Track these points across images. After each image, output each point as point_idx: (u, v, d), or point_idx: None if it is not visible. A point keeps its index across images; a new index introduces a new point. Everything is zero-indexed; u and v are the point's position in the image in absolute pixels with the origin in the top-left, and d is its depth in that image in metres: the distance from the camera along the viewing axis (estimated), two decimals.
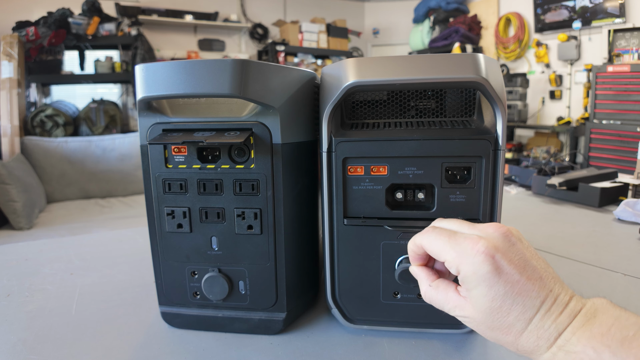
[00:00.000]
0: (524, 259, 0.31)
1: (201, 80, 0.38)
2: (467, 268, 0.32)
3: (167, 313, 0.47)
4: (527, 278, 0.31)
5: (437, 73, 0.38)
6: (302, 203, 0.46)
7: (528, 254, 0.32)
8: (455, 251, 0.33)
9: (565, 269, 0.64)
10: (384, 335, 0.46)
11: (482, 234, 0.33)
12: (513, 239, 0.33)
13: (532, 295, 0.30)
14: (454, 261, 0.33)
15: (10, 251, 0.73)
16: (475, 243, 0.32)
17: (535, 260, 0.32)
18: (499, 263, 0.31)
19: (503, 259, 0.31)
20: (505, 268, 0.31)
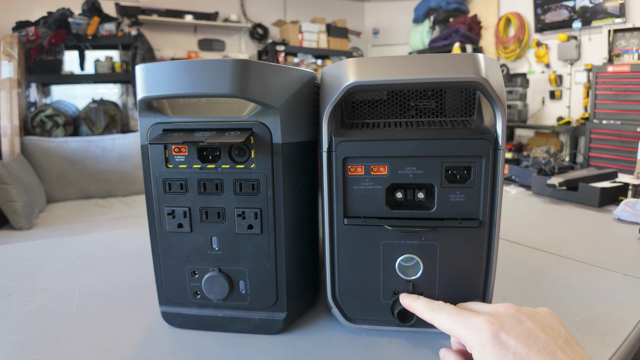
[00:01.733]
0: (533, 335, 0.32)
1: (201, 80, 0.38)
2: (475, 343, 0.33)
3: (167, 313, 0.47)
4: (537, 352, 0.31)
5: (437, 73, 0.38)
6: (303, 203, 0.46)
7: (542, 330, 0.33)
8: (466, 329, 0.34)
9: (565, 269, 0.64)
10: (384, 335, 0.46)
11: (491, 311, 0.35)
12: (522, 318, 0.34)
13: None
14: (465, 338, 0.34)
15: (10, 251, 0.73)
16: (483, 320, 0.34)
17: (553, 336, 0.33)
18: (504, 340, 0.32)
19: (510, 336, 0.32)
20: (511, 344, 0.32)
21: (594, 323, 0.47)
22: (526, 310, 0.35)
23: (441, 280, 0.43)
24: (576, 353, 0.32)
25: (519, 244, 0.76)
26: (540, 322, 0.34)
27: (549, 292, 0.55)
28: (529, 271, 0.63)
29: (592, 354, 0.41)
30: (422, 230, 0.42)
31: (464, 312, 0.36)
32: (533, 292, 0.56)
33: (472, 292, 0.43)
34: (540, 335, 0.32)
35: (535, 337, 0.32)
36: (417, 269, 0.43)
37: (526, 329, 0.33)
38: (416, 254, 0.42)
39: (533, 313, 0.35)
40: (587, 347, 0.42)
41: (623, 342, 0.43)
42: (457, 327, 0.35)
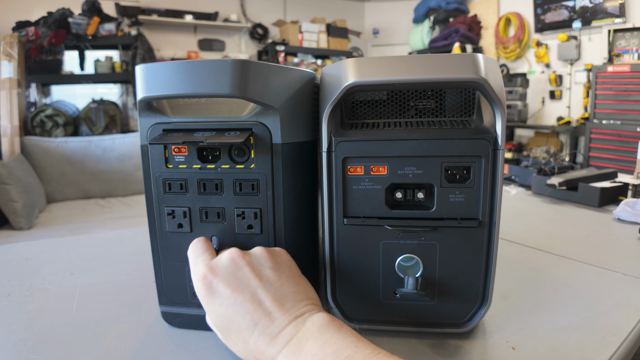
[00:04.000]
0: (245, 283, 0.34)
1: (201, 81, 0.38)
2: (195, 287, 0.36)
3: (167, 313, 0.47)
4: (243, 301, 0.33)
5: (436, 73, 0.38)
6: (302, 203, 0.46)
7: (258, 276, 0.35)
8: (192, 272, 0.37)
9: (565, 268, 0.64)
10: (384, 334, 0.46)
11: (214, 259, 0.37)
12: (241, 263, 0.36)
13: (247, 317, 0.33)
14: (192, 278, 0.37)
15: (10, 251, 0.73)
16: (200, 267, 0.36)
17: (267, 283, 0.35)
18: (214, 287, 0.34)
19: (220, 283, 0.34)
20: (220, 290, 0.34)
21: (594, 323, 0.47)
22: (252, 255, 0.37)
23: (441, 280, 0.43)
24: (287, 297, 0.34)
25: (519, 244, 0.76)
26: (259, 266, 0.36)
27: (549, 292, 0.55)
28: (529, 271, 0.63)
29: (592, 354, 0.41)
30: (422, 230, 0.42)
31: (196, 258, 0.38)
32: (533, 292, 0.56)
33: (472, 291, 0.43)
34: (253, 282, 0.34)
35: (246, 285, 0.34)
36: (416, 268, 0.43)
37: (239, 276, 0.35)
38: (416, 254, 0.42)
39: (260, 258, 0.37)
40: (587, 347, 0.42)
41: (623, 342, 0.43)
42: (191, 270, 0.38)
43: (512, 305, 0.52)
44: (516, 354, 0.42)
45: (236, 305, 0.33)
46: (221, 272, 0.35)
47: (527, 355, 0.41)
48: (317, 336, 0.31)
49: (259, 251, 0.38)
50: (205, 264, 0.36)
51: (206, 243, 0.40)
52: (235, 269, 0.35)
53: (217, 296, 0.34)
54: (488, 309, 0.43)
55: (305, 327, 0.32)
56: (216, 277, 0.35)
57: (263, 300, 0.33)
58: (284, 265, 0.37)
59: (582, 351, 0.42)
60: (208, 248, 0.39)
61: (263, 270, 0.36)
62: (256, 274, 0.35)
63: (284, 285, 0.35)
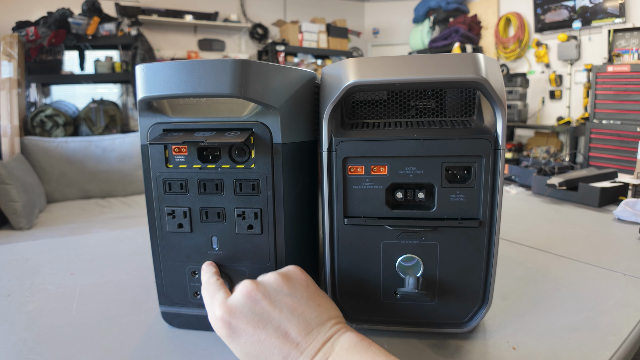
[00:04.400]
0: (265, 317, 0.33)
1: (201, 80, 0.38)
2: (215, 329, 0.35)
3: (167, 313, 0.47)
4: (267, 336, 0.32)
5: (437, 73, 0.38)
6: (303, 203, 0.46)
7: (277, 308, 0.34)
8: (209, 313, 0.36)
9: (565, 269, 0.64)
10: (384, 334, 0.46)
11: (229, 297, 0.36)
12: (257, 297, 0.34)
13: (275, 352, 0.32)
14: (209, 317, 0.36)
15: (10, 251, 0.73)
16: (216, 309, 0.35)
17: (289, 312, 0.34)
18: (235, 327, 0.33)
19: (239, 323, 0.33)
20: (242, 330, 0.33)
21: (594, 323, 0.47)
22: (266, 285, 0.36)
23: (441, 280, 0.43)
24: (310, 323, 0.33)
25: (519, 244, 0.76)
26: (276, 295, 0.35)
27: (549, 292, 0.55)
28: (529, 271, 0.63)
29: (592, 354, 0.41)
30: (422, 230, 0.42)
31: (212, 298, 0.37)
32: (533, 292, 0.56)
33: (472, 291, 0.43)
34: (273, 314, 0.33)
35: (267, 319, 0.33)
36: (417, 268, 0.43)
37: (257, 312, 0.34)
38: (416, 254, 0.42)
39: (275, 285, 0.36)
40: (588, 347, 0.42)
41: (623, 342, 0.43)
42: (207, 308, 0.37)
43: (513, 305, 0.52)
44: (516, 354, 0.42)
45: (261, 342, 0.32)
46: (238, 310, 0.34)
47: (528, 355, 0.41)
48: (347, 359, 0.31)
49: (273, 278, 0.36)
50: (220, 304, 0.35)
51: (218, 280, 0.39)
52: (252, 305, 0.34)
53: (240, 335, 0.33)
54: (488, 309, 0.43)
55: (334, 351, 0.31)
56: (234, 318, 0.34)
57: (288, 332, 0.33)
58: (300, 287, 0.36)
59: (583, 351, 0.42)
60: (221, 286, 0.38)
61: (281, 299, 0.35)
62: (274, 305, 0.34)
63: (305, 311, 0.34)
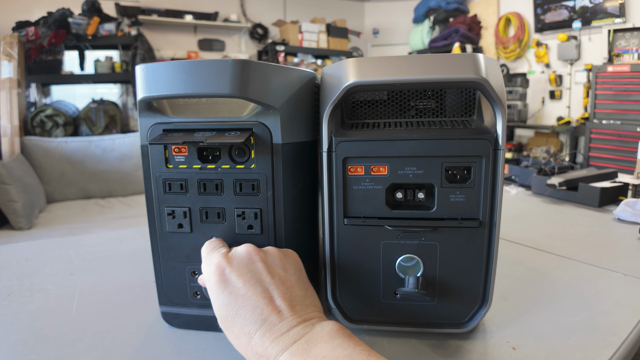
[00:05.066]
0: (257, 277, 0.34)
1: (201, 81, 0.38)
2: (205, 277, 0.36)
3: (167, 313, 0.47)
4: (254, 294, 0.33)
5: (437, 73, 0.38)
6: (303, 203, 0.46)
7: (270, 273, 0.35)
8: (204, 263, 0.37)
9: (565, 269, 0.64)
10: (384, 335, 0.46)
11: (232, 250, 0.37)
12: (255, 257, 0.36)
13: (256, 311, 0.32)
14: (203, 272, 0.37)
15: (10, 251, 0.73)
16: (214, 256, 0.36)
17: (279, 281, 0.34)
18: (227, 276, 0.34)
19: (232, 272, 0.34)
20: (232, 280, 0.34)
21: (594, 323, 0.47)
22: (266, 253, 0.37)
23: (441, 280, 0.43)
24: (296, 298, 0.34)
25: (519, 244, 0.76)
26: (272, 263, 0.36)
27: (549, 292, 0.55)
28: (529, 271, 0.63)
29: (592, 354, 0.41)
30: (422, 230, 0.42)
31: (212, 250, 0.38)
32: (533, 292, 0.56)
33: (472, 292, 0.43)
34: (265, 277, 0.34)
35: (259, 279, 0.34)
36: (417, 269, 0.43)
37: (252, 270, 0.35)
38: (416, 254, 0.42)
39: (273, 256, 0.37)
40: (588, 347, 0.42)
41: (623, 342, 0.43)
42: (203, 261, 0.38)
43: (512, 306, 0.52)
44: (516, 354, 0.42)
45: (247, 297, 0.33)
46: (236, 262, 0.35)
47: (528, 355, 0.41)
48: (328, 340, 0.30)
49: (273, 250, 0.38)
50: (221, 254, 0.36)
51: (221, 241, 0.41)
52: (249, 262, 0.35)
53: (228, 285, 0.34)
54: (488, 309, 0.43)
55: (314, 330, 0.31)
56: (230, 266, 0.35)
57: (274, 297, 0.33)
58: (294, 267, 0.38)
59: (583, 351, 0.42)
60: (223, 244, 0.40)
61: (275, 269, 0.36)
62: (269, 270, 0.35)
63: (294, 287, 0.35)
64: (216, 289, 0.34)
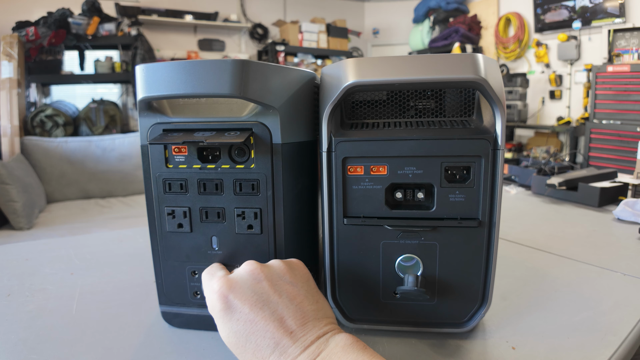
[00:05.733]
0: (264, 299, 0.33)
1: (201, 81, 0.38)
2: (208, 305, 0.34)
3: (167, 313, 0.47)
4: (263, 318, 0.32)
5: (436, 73, 0.38)
6: (302, 203, 0.46)
7: (277, 292, 0.33)
8: (206, 291, 0.36)
9: (565, 268, 0.64)
10: (384, 334, 0.46)
11: (231, 273, 0.36)
12: (260, 276, 0.34)
13: (267, 335, 0.31)
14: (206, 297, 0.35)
15: (10, 251, 0.73)
16: (215, 282, 0.34)
17: (287, 300, 0.33)
18: (231, 303, 0.33)
19: (237, 299, 0.33)
20: (237, 307, 0.32)
21: (594, 323, 0.47)
22: (270, 269, 0.35)
23: (441, 280, 0.43)
24: (306, 316, 0.32)
25: (519, 244, 0.76)
26: (278, 280, 0.34)
27: (549, 292, 0.55)
28: (529, 271, 0.63)
29: (592, 354, 0.41)
30: (422, 230, 0.42)
31: (212, 276, 0.36)
32: (533, 292, 0.56)
33: (472, 291, 0.43)
34: (273, 297, 0.33)
35: (266, 300, 0.32)
36: (416, 268, 0.43)
37: (257, 291, 0.33)
38: (416, 254, 0.42)
39: (279, 272, 0.35)
40: (587, 347, 0.42)
41: (623, 341, 0.43)
42: (204, 288, 0.36)
43: (512, 305, 0.52)
44: (516, 354, 0.42)
45: (255, 322, 0.31)
46: (238, 286, 0.33)
47: (527, 355, 0.41)
48: (342, 356, 0.30)
49: (277, 264, 0.37)
50: (220, 277, 0.35)
51: (220, 265, 0.40)
52: (253, 283, 0.34)
53: (234, 312, 0.32)
54: (488, 308, 0.43)
55: (328, 347, 0.30)
56: (233, 292, 0.33)
57: (285, 319, 0.32)
58: (302, 279, 0.36)
59: (582, 351, 0.42)
60: (223, 268, 0.38)
61: (282, 285, 0.34)
62: (275, 289, 0.33)
63: (304, 302, 0.34)
64: (222, 317, 0.33)
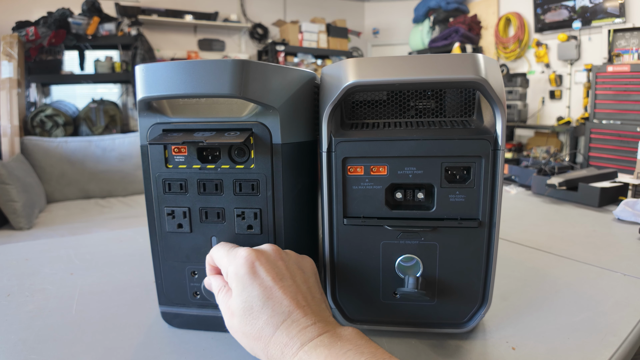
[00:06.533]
0: (282, 273, 0.36)
1: (201, 81, 0.38)
2: (231, 269, 0.36)
3: (167, 313, 0.47)
4: (281, 288, 0.34)
5: (436, 73, 0.38)
6: (302, 203, 0.46)
7: (290, 273, 0.36)
8: (228, 258, 0.38)
9: (565, 268, 0.64)
10: (383, 334, 0.46)
11: (257, 247, 0.38)
12: (281, 255, 0.38)
13: (284, 303, 0.34)
14: (225, 266, 0.37)
15: (10, 251, 0.73)
16: (242, 250, 0.37)
17: (300, 281, 0.36)
18: (257, 268, 0.35)
19: (261, 266, 0.35)
20: (262, 273, 0.35)
21: (594, 323, 0.47)
22: (287, 254, 0.39)
23: (441, 280, 0.43)
24: (315, 300, 0.35)
25: (519, 244, 0.76)
26: (293, 267, 0.37)
27: (549, 292, 0.55)
28: (529, 271, 0.63)
29: (592, 354, 0.41)
30: (422, 231, 0.42)
31: (235, 247, 0.39)
32: (533, 292, 0.56)
33: (472, 292, 0.43)
34: (287, 276, 0.36)
35: (284, 275, 0.36)
36: (416, 269, 0.43)
37: (278, 266, 0.36)
38: (416, 254, 0.42)
39: (293, 258, 0.39)
40: (587, 347, 0.42)
41: (623, 342, 0.43)
42: (224, 257, 0.38)
43: (512, 305, 0.52)
44: (516, 354, 0.42)
45: (275, 290, 0.34)
46: (264, 257, 0.36)
47: (527, 355, 0.41)
48: (350, 339, 0.31)
49: (293, 253, 0.39)
50: (249, 248, 0.37)
51: None
52: (276, 259, 0.37)
53: (257, 277, 0.35)
54: (488, 309, 0.43)
55: (336, 330, 0.32)
56: (259, 260, 0.36)
57: (298, 295, 0.35)
58: (310, 273, 0.39)
59: (582, 351, 0.42)
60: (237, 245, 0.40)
61: (296, 271, 0.37)
62: (290, 272, 0.36)
63: (313, 288, 0.37)
64: (246, 280, 0.35)
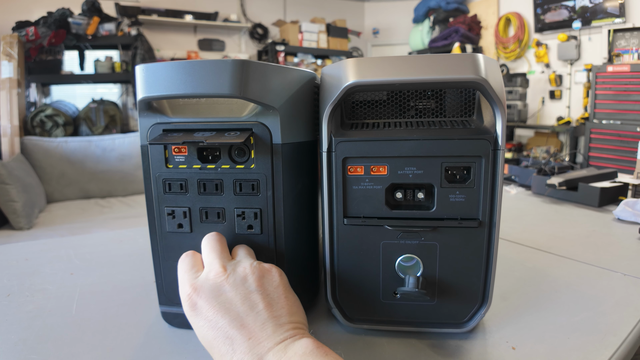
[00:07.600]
0: (226, 306, 0.34)
1: (201, 81, 0.38)
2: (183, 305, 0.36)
3: (167, 313, 0.47)
4: (224, 325, 0.33)
5: (436, 73, 0.38)
6: (302, 203, 0.46)
7: (238, 302, 0.34)
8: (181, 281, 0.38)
9: (565, 268, 0.64)
10: (383, 334, 0.46)
11: (202, 276, 0.37)
12: (226, 287, 0.35)
13: (227, 342, 0.32)
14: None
15: (10, 251, 0.73)
16: (185, 288, 0.36)
17: (246, 307, 0.34)
18: (200, 308, 0.35)
19: (204, 304, 0.35)
20: (204, 313, 0.34)
21: (594, 323, 0.47)
22: (235, 273, 0.36)
23: (441, 280, 0.43)
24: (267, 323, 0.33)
25: (519, 244, 0.76)
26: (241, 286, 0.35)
27: (549, 292, 0.55)
28: (529, 271, 0.63)
29: (592, 354, 0.41)
30: (422, 230, 0.42)
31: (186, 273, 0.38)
32: (533, 292, 0.56)
33: (472, 291, 0.43)
34: (234, 304, 0.34)
35: (228, 308, 0.34)
36: (417, 269, 0.43)
37: (221, 299, 0.35)
38: (416, 254, 0.42)
39: (241, 275, 0.36)
40: (587, 347, 0.42)
41: (623, 342, 0.43)
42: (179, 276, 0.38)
43: (512, 305, 0.52)
44: (516, 354, 0.42)
45: (217, 329, 0.33)
46: (204, 292, 0.35)
47: (527, 355, 0.41)
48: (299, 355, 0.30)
49: (243, 271, 0.37)
50: (191, 283, 0.36)
51: (194, 257, 0.40)
52: (218, 291, 0.35)
53: (201, 317, 0.34)
54: (488, 309, 0.43)
55: (286, 355, 0.31)
56: (200, 298, 0.35)
57: (244, 325, 0.33)
58: (270, 286, 0.37)
59: (582, 351, 0.42)
60: (195, 264, 0.39)
61: (247, 293, 0.35)
62: (240, 297, 0.35)
63: (266, 309, 0.34)
64: (192, 321, 0.35)
